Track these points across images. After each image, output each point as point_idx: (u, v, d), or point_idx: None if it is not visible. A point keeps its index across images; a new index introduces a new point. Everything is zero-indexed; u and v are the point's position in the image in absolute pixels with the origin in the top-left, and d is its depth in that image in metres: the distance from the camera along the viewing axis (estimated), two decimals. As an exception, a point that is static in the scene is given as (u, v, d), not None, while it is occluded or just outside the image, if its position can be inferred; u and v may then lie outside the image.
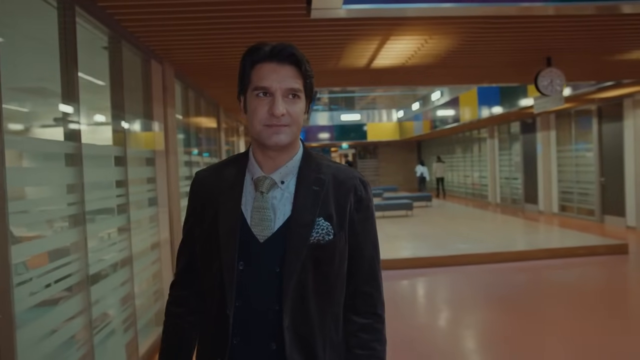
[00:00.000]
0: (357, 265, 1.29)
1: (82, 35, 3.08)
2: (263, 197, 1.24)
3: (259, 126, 1.20)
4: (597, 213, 11.14)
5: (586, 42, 4.88)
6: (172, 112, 4.92)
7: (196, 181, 1.36)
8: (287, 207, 1.24)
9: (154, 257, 4.42)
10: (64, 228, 3.05)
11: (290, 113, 1.20)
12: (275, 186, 1.25)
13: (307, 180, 1.25)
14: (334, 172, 1.29)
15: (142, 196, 4.26)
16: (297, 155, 1.29)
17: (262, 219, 1.22)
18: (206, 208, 1.29)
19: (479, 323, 5.04)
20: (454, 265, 7.29)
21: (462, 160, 19.96)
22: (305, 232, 1.21)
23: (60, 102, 2.91)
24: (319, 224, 1.22)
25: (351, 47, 4.63)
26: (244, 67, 1.24)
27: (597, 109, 10.94)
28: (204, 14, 3.48)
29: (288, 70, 1.21)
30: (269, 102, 1.19)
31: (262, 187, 1.24)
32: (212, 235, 1.25)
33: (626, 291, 6.22)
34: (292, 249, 1.19)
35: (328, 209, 1.24)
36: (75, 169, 2.88)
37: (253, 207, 1.24)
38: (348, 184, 1.28)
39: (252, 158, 1.29)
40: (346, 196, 1.26)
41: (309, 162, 1.29)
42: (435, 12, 3.66)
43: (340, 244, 1.25)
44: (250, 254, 1.21)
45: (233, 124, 11.48)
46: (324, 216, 1.23)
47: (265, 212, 1.23)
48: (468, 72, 6.32)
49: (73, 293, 2.85)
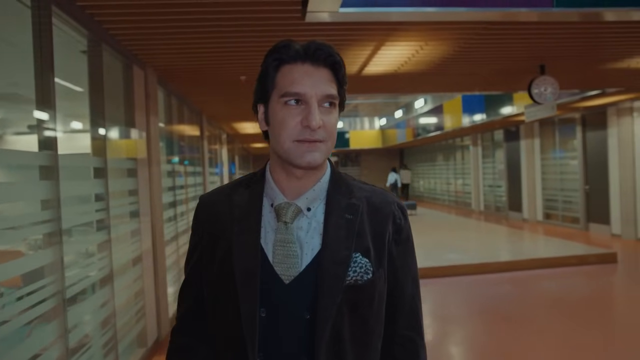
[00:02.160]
0: (397, 306, 1.11)
1: (59, 37, 2.84)
2: (287, 228, 1.03)
3: (287, 142, 1.00)
4: (582, 221, 11.15)
5: (579, 49, 4.82)
6: (155, 120, 4.67)
7: (201, 208, 1.14)
8: (316, 239, 1.04)
9: (136, 274, 4.15)
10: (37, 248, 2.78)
11: (326, 126, 1.01)
12: (300, 214, 1.05)
13: (337, 206, 1.06)
14: (368, 196, 1.10)
15: (124, 209, 4.00)
16: (325, 176, 1.09)
17: (286, 255, 1.02)
18: (216, 242, 1.07)
19: (472, 338, 4.87)
20: (443, 276, 7.14)
21: (445, 168, 19.98)
22: (340, 270, 1.01)
23: (34, 109, 2.65)
24: (355, 260, 1.03)
25: (344, 52, 4.45)
26: (266, 69, 1.03)
27: (581, 117, 10.98)
28: (191, 15, 3.26)
29: (324, 74, 1.02)
30: (301, 111, 0.99)
31: (286, 216, 1.04)
32: (225, 275, 1.03)
33: (620, 302, 6.14)
34: (325, 292, 0.99)
35: (364, 241, 1.05)
36: (50, 182, 2.62)
37: (275, 241, 1.03)
38: (385, 211, 1.09)
39: (271, 180, 1.08)
40: (384, 225, 1.08)
41: (339, 184, 1.09)
42: (435, 17, 3.52)
43: (380, 284, 1.06)
44: (273, 298, 1.01)
45: (216, 131, 11.22)
46: (361, 251, 1.04)
47: (290, 246, 1.02)
48: (460, 80, 6.21)
49: (47, 319, 2.58)
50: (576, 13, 3.56)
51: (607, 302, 6.04)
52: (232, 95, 6.59)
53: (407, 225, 1.13)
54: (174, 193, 5.65)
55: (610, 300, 6.17)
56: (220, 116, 9.24)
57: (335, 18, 3.29)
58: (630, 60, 5.39)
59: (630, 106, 9.41)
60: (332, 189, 1.08)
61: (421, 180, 23.25)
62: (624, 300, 6.20)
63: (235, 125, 11.07)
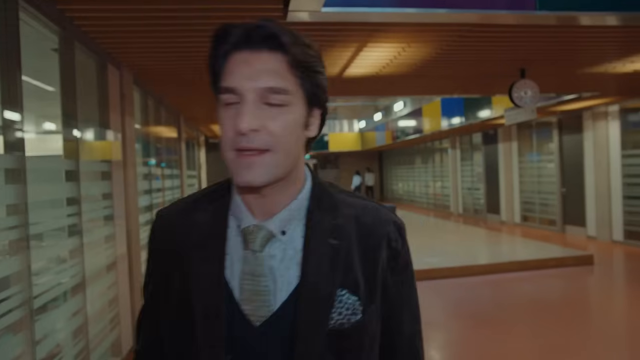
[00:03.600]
0: (394, 348, 0.93)
1: (28, 34, 2.71)
2: (256, 257, 0.83)
3: (227, 151, 0.80)
4: (559, 223, 11.30)
5: (558, 54, 4.86)
6: (130, 121, 4.53)
7: (158, 226, 0.93)
8: (293, 271, 0.83)
9: (111, 281, 4.01)
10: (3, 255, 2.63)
11: (271, 130, 0.78)
12: (273, 239, 0.84)
13: (320, 229, 0.85)
14: (358, 214, 0.89)
15: (97, 214, 3.85)
16: (304, 190, 0.88)
17: (256, 292, 0.82)
18: (172, 271, 0.86)
19: (451, 342, 4.85)
20: (423, 280, 7.11)
21: (424, 171, 20.09)
22: (322, 311, 0.82)
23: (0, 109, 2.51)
24: (341, 299, 0.83)
25: (326, 54, 4.38)
26: (213, 61, 0.85)
27: (558, 121, 11.14)
28: (169, 13, 3.15)
29: (267, 61, 0.78)
30: (237, 112, 0.78)
31: (255, 242, 0.83)
32: (183, 315, 0.84)
33: (598, 303, 6.20)
34: (304, 338, 0.81)
35: (353, 273, 0.85)
36: (17, 186, 2.48)
37: (242, 273, 0.83)
38: (379, 233, 0.89)
39: (237, 195, 0.87)
40: (377, 251, 0.88)
41: (321, 200, 0.88)
42: (416, 18, 3.49)
43: (372, 326, 0.88)
44: (241, 343, 0.82)
45: (193, 133, 11.05)
46: (349, 286, 0.84)
47: (260, 280, 0.82)
48: (441, 83, 6.21)
49: (13, 331, 2.44)
50: (554, 16, 3.58)
51: (585, 304, 6.10)
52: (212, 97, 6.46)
53: (406, 249, 0.93)
54: (150, 196, 5.50)
55: (588, 302, 6.23)
56: (199, 118, 9.09)
57: (316, 18, 3.22)
58: (607, 65, 5.45)
59: (605, 110, 9.58)
60: (313, 207, 0.87)
61: (400, 182, 23.35)
62: (602, 301, 6.26)
63: (214, 127, 10.92)
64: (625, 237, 9.26)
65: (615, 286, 7.04)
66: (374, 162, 26.01)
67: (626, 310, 5.78)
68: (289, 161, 0.81)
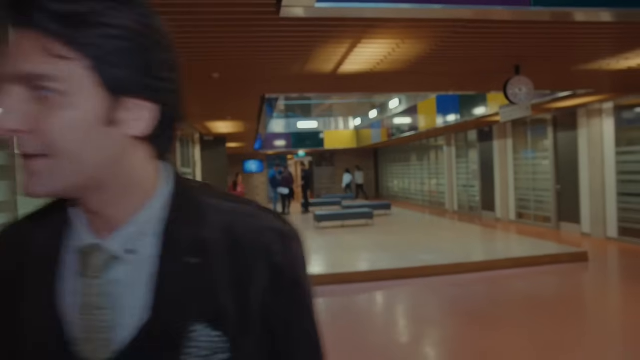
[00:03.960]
0: None
1: None
2: (92, 284, 0.66)
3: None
4: (553, 220, 11.33)
5: (553, 50, 4.86)
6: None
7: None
8: (141, 300, 0.66)
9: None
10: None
11: (38, 129, 0.59)
12: (116, 261, 0.66)
13: (176, 245, 0.67)
14: (228, 223, 0.69)
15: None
16: (157, 200, 0.69)
17: (93, 329, 0.66)
18: (6, 299, 0.70)
19: (446, 339, 4.84)
20: (417, 277, 7.12)
21: (419, 168, 20.11)
22: (172, 351, 0.65)
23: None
24: (196, 336, 0.65)
25: (319, 50, 4.36)
26: None
27: (552, 118, 11.16)
28: (161, 8, 3.09)
29: (30, 38, 0.58)
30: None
31: (89, 267, 0.66)
32: (9, 357, 0.69)
33: (593, 300, 6.22)
34: None
35: (217, 300, 0.67)
36: (6, 182, 2.45)
37: (79, 305, 0.67)
38: (254, 245, 0.69)
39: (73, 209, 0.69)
40: (251, 267, 0.68)
41: (182, 208, 0.69)
42: (410, 14, 3.48)
43: None
44: None
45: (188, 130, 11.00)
46: (210, 317, 0.66)
47: (98, 314, 0.66)
48: (436, 80, 6.20)
49: None
50: (549, 12, 3.57)
51: (580, 301, 6.11)
52: (204, 93, 6.42)
53: (295, 263, 0.71)
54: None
55: (583, 299, 6.24)
56: (193, 115, 9.05)
57: (310, 13, 3.20)
58: (602, 62, 5.46)
59: (600, 108, 9.60)
60: (171, 216, 0.68)
61: (395, 180, 23.38)
62: (596, 298, 6.28)
63: (208, 124, 10.88)
64: (620, 233, 9.30)
65: (610, 283, 7.06)
66: (369, 159, 26.02)
67: (620, 306, 5.80)
68: (85, 167, 0.61)
